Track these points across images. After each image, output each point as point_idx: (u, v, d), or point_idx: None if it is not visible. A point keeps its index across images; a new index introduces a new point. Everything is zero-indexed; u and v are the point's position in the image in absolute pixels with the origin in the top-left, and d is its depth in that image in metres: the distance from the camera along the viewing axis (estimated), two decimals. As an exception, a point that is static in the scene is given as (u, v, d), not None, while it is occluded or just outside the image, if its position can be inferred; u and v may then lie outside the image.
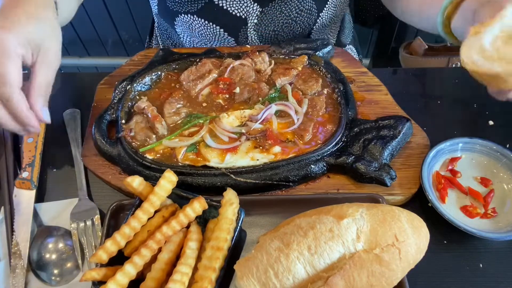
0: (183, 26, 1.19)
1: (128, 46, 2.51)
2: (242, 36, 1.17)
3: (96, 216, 0.83)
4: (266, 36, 1.18)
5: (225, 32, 1.17)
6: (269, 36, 1.19)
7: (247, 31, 1.16)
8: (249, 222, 0.81)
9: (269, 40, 1.20)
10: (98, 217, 0.83)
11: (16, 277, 0.76)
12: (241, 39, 1.19)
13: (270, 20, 1.14)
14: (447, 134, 0.92)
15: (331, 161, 0.86)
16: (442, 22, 0.97)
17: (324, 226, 0.66)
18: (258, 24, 1.14)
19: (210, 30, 1.17)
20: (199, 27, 1.16)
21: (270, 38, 1.20)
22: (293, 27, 1.17)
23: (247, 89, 0.98)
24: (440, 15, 0.96)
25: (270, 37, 1.19)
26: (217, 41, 1.21)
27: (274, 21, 1.14)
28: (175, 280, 0.65)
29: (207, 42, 1.22)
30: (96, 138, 0.91)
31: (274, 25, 1.16)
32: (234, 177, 0.84)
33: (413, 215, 0.72)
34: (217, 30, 1.16)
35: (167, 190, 0.75)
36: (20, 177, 0.86)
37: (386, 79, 1.04)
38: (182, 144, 0.88)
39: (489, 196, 0.83)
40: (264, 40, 1.19)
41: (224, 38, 1.19)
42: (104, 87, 1.05)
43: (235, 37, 1.18)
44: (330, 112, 0.95)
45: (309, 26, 1.19)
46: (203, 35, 1.19)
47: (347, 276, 0.62)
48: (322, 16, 1.18)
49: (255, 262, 0.65)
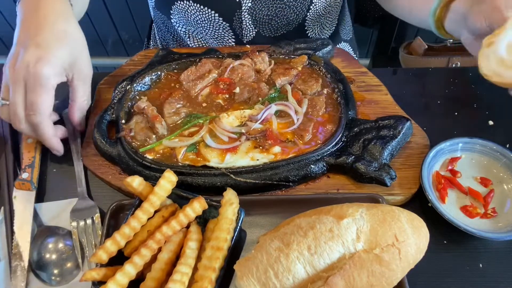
0: (179, 14, 1.20)
1: (128, 46, 2.51)
2: (237, 21, 1.18)
3: (96, 215, 0.83)
4: (260, 20, 1.19)
5: (220, 17, 1.17)
6: (264, 21, 1.19)
7: (242, 15, 1.16)
8: (249, 222, 0.81)
9: (264, 25, 1.20)
10: (98, 215, 0.83)
11: (17, 277, 0.76)
12: (235, 24, 1.19)
13: (263, 3, 1.15)
14: (447, 134, 0.92)
15: (331, 161, 0.86)
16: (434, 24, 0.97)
17: (324, 226, 0.66)
18: (252, 8, 1.15)
19: (206, 16, 1.17)
20: (195, 13, 1.17)
21: (264, 23, 1.20)
22: (287, 12, 1.18)
23: (247, 89, 0.98)
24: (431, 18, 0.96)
25: (264, 21, 1.20)
26: (211, 28, 1.21)
27: (267, 5, 1.15)
28: (175, 280, 0.65)
29: (202, 30, 1.23)
30: (96, 138, 0.91)
31: (267, 9, 1.16)
32: (234, 177, 0.84)
33: (413, 215, 0.72)
34: (212, 15, 1.17)
35: (167, 190, 0.75)
36: (20, 178, 0.86)
37: (386, 79, 1.04)
38: (182, 144, 0.88)
39: (489, 196, 0.83)
40: (258, 25, 1.20)
41: (219, 24, 1.19)
42: (104, 87, 1.05)
43: (229, 22, 1.19)
44: (330, 112, 0.95)
45: (302, 13, 1.19)
46: (198, 22, 1.20)
47: (347, 276, 0.62)
48: (315, 2, 1.18)
49: (255, 262, 0.65)
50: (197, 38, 1.29)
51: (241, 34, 1.22)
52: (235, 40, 1.24)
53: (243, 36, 1.23)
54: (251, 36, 1.23)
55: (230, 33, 1.22)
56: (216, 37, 1.24)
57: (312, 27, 1.27)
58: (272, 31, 1.23)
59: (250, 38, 1.24)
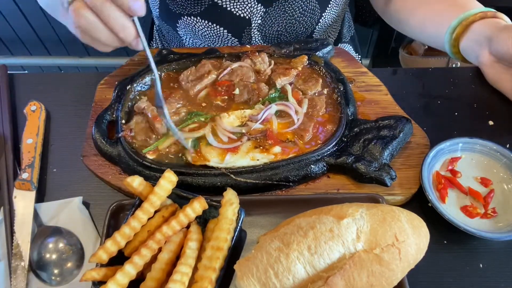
0: (186, 28, 1.19)
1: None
2: (246, 37, 1.17)
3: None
4: (269, 36, 1.18)
5: (229, 33, 1.17)
6: (273, 37, 1.19)
7: (251, 32, 1.16)
8: (249, 222, 0.81)
9: (273, 40, 1.20)
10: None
11: (17, 278, 0.76)
12: (244, 40, 1.19)
13: (273, 20, 1.14)
14: (447, 134, 0.92)
15: (331, 161, 0.86)
16: (450, 41, 1.00)
17: (324, 226, 0.66)
18: (262, 24, 1.14)
19: (214, 32, 1.16)
20: (203, 28, 1.16)
21: (273, 38, 1.20)
22: (296, 27, 1.17)
23: (247, 90, 0.98)
24: (448, 35, 0.99)
25: (273, 37, 1.19)
26: (220, 42, 1.21)
27: (277, 21, 1.15)
28: (175, 280, 0.65)
29: (210, 43, 1.22)
30: (96, 138, 0.91)
31: (277, 25, 1.16)
32: (234, 177, 0.84)
33: (413, 215, 0.72)
34: (220, 32, 1.16)
35: (167, 190, 0.75)
36: (20, 178, 0.86)
37: (386, 79, 1.04)
38: (186, 136, 0.88)
39: (489, 196, 0.83)
40: (267, 40, 1.20)
41: (228, 39, 1.19)
42: (104, 87, 1.05)
43: (238, 38, 1.18)
44: (330, 112, 0.95)
45: (311, 26, 1.19)
46: (206, 36, 1.19)
47: (347, 276, 0.62)
48: (324, 16, 1.18)
49: (255, 262, 0.65)
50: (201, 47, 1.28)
51: None
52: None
53: None
54: None
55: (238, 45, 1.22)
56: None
57: (320, 36, 1.27)
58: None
59: None
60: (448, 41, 1.02)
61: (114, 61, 2.55)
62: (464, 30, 0.98)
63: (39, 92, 1.06)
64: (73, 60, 2.61)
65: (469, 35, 0.98)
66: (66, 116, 1.02)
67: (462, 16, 0.98)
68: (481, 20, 0.97)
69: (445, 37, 1.01)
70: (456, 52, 1.03)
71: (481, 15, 0.97)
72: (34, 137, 0.93)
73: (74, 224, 0.83)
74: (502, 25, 0.95)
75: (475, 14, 0.97)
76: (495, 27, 0.94)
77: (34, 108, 0.98)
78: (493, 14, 0.97)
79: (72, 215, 0.84)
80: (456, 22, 0.98)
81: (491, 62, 0.98)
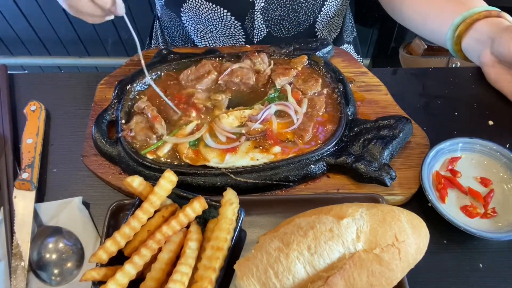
0: (190, 12, 1.19)
1: (128, 46, 2.51)
2: (249, 20, 1.18)
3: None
4: (272, 20, 1.19)
5: (232, 16, 1.17)
6: (275, 21, 1.19)
7: (254, 15, 1.16)
8: (249, 222, 0.81)
9: (275, 26, 1.20)
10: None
11: (17, 278, 0.76)
12: (247, 24, 1.19)
13: (276, 4, 1.15)
14: (447, 134, 0.92)
15: (331, 161, 0.86)
16: (452, 38, 1.00)
17: (324, 226, 0.66)
18: (265, 7, 1.15)
19: (217, 15, 1.17)
20: (207, 11, 1.16)
21: (276, 23, 1.20)
22: (299, 12, 1.18)
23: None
24: (451, 31, 0.99)
25: (276, 22, 1.19)
26: (222, 27, 1.21)
27: (280, 5, 1.15)
28: (175, 280, 0.65)
29: (213, 28, 1.22)
30: (96, 138, 0.91)
31: (280, 10, 1.16)
32: (234, 177, 0.84)
33: (413, 215, 0.72)
34: (224, 14, 1.16)
35: (167, 190, 0.75)
36: (19, 178, 0.86)
37: (386, 79, 1.04)
38: (183, 140, 0.88)
39: (489, 196, 0.83)
40: (270, 25, 1.20)
41: (231, 23, 1.19)
42: (104, 87, 1.05)
43: (241, 21, 1.18)
44: (330, 112, 0.95)
45: (314, 14, 1.19)
46: (209, 20, 1.19)
47: (347, 276, 0.62)
48: (327, 4, 1.18)
49: (255, 262, 0.65)
50: (206, 37, 1.28)
51: (252, 33, 1.22)
52: (245, 39, 1.24)
53: (253, 36, 1.22)
54: (261, 36, 1.23)
55: (241, 32, 1.22)
56: (226, 35, 1.24)
57: (322, 29, 1.27)
58: (283, 32, 1.23)
59: (261, 38, 1.23)
60: (450, 38, 1.01)
61: (114, 61, 2.56)
62: (467, 28, 0.98)
63: (39, 92, 1.06)
64: (73, 60, 2.61)
65: (472, 34, 0.97)
66: (66, 116, 1.02)
67: (466, 14, 0.97)
68: (485, 18, 0.96)
69: (448, 34, 1.01)
70: (458, 50, 1.02)
71: (485, 13, 0.96)
72: (34, 137, 0.94)
73: (74, 224, 0.83)
74: (505, 25, 0.94)
75: (480, 12, 0.96)
76: (498, 27, 0.93)
77: (34, 108, 0.98)
78: (498, 13, 0.97)
79: (72, 215, 0.84)
80: (460, 19, 0.97)
81: (493, 62, 0.98)
